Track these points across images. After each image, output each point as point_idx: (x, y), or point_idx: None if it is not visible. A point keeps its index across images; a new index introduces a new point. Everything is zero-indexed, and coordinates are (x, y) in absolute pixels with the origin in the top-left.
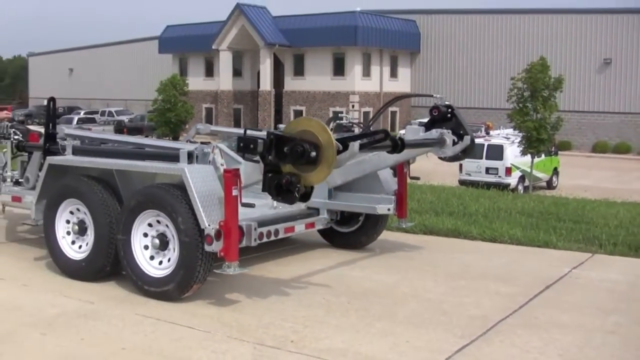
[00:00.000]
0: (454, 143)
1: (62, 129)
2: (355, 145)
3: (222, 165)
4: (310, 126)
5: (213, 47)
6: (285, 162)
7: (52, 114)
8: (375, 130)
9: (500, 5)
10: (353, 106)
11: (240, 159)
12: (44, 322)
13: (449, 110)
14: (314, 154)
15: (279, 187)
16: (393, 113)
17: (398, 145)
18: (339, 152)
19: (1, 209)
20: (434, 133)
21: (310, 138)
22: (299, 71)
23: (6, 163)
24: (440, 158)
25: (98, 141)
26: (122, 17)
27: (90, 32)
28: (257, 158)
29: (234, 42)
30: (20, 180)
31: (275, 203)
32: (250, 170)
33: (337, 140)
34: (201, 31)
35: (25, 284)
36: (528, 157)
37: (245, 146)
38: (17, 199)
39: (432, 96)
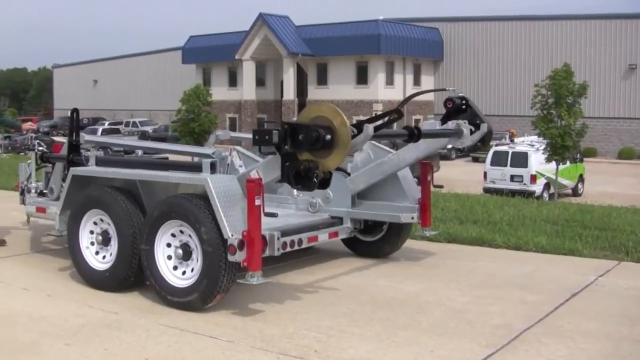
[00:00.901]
0: (471, 133)
1: (83, 136)
2: (369, 127)
3: (240, 166)
4: (322, 111)
5: (236, 57)
6: (302, 150)
7: (75, 125)
8: (387, 111)
9: (523, 12)
10: (376, 115)
11: (258, 158)
12: (68, 332)
13: (463, 101)
14: (328, 137)
15: (298, 175)
16: (417, 121)
17: (415, 134)
18: (353, 135)
19: (26, 219)
20: (451, 125)
21: (323, 122)
22: (322, 80)
23: (31, 174)
24: (459, 150)
25: (111, 145)
26: (146, 28)
27: (114, 44)
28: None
29: (257, 52)
30: (44, 191)
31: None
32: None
33: (352, 125)
34: (224, 41)
35: (49, 294)
36: (553, 165)
37: (260, 138)
38: (41, 210)
39: (445, 89)
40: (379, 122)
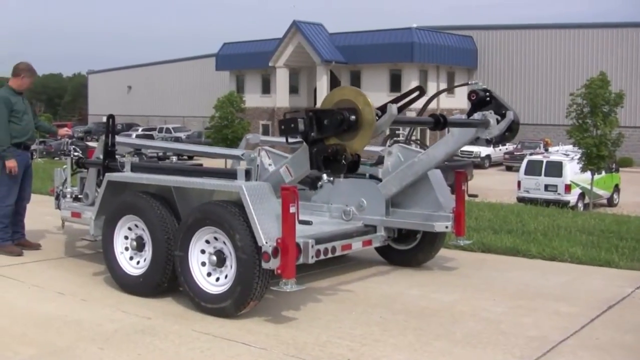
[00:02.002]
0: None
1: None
2: (392, 107)
3: (270, 165)
4: (344, 94)
5: (270, 64)
6: (328, 135)
7: (111, 130)
8: (408, 90)
9: (558, 20)
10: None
11: (287, 156)
12: (101, 337)
13: (487, 93)
14: (353, 117)
15: (326, 159)
16: None
17: (440, 122)
18: (378, 117)
19: (60, 224)
20: (477, 116)
21: (346, 105)
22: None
23: (66, 179)
24: (488, 142)
25: (143, 147)
26: (180, 35)
27: (148, 50)
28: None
29: (290, 59)
30: (79, 196)
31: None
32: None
33: (376, 108)
34: (258, 48)
35: (83, 299)
36: (588, 174)
37: (286, 128)
38: (76, 215)
39: (467, 84)
40: (402, 103)
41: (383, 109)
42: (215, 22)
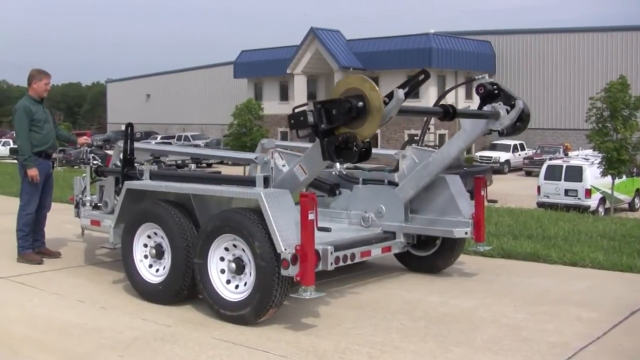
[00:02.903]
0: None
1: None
2: (399, 92)
3: (283, 166)
4: (350, 83)
5: (288, 71)
6: (338, 124)
7: (130, 139)
8: (413, 75)
9: (576, 24)
10: (429, 129)
11: (300, 155)
12: (121, 344)
13: (494, 86)
14: (360, 103)
15: (338, 148)
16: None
17: (450, 112)
18: (385, 104)
19: (80, 232)
20: (486, 108)
21: (353, 93)
22: None
23: (85, 187)
24: (500, 134)
25: (159, 152)
26: (198, 43)
27: (166, 59)
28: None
29: (308, 66)
30: (99, 204)
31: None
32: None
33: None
34: (276, 56)
35: (103, 307)
36: (608, 179)
37: (296, 122)
38: (95, 223)
39: (473, 79)
40: (407, 88)
41: (390, 96)
42: (233, 29)
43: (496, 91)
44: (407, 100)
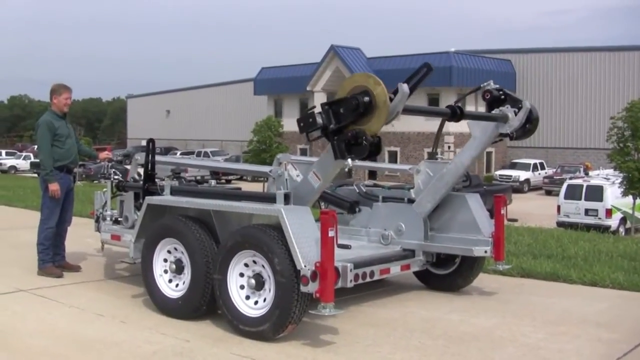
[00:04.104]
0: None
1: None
2: (404, 87)
3: (298, 176)
4: (355, 81)
5: (308, 88)
6: (347, 122)
7: (151, 154)
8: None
9: (597, 43)
10: (449, 147)
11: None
12: (140, 359)
13: (500, 91)
14: (367, 98)
15: (348, 144)
16: (489, 154)
17: (457, 113)
18: (390, 99)
19: (100, 246)
20: (494, 112)
21: (359, 90)
22: None
23: (106, 202)
24: (511, 138)
25: (175, 165)
26: (218, 59)
27: (187, 75)
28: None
29: (328, 84)
30: (119, 219)
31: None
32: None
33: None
34: (296, 73)
35: (123, 321)
36: (629, 199)
37: (305, 124)
38: (116, 238)
39: (479, 88)
40: (412, 83)
41: (396, 92)
42: (254, 46)
43: (502, 96)
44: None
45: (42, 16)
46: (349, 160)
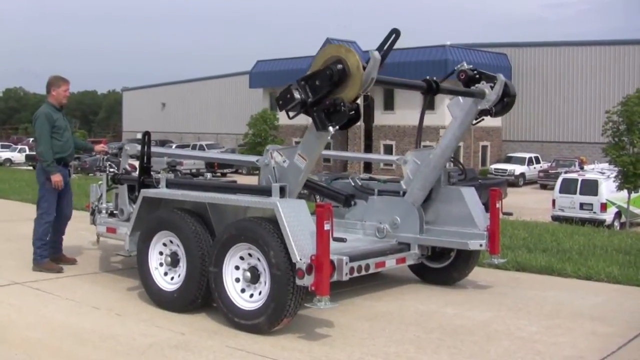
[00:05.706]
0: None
1: (135, 147)
2: (375, 53)
3: (284, 162)
4: (326, 53)
5: None
6: (323, 93)
7: (147, 147)
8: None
9: (593, 37)
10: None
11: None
12: (136, 352)
13: (474, 71)
14: (340, 66)
15: (326, 112)
16: (484, 147)
17: (433, 88)
18: (364, 68)
19: (96, 239)
20: (471, 89)
21: (332, 60)
22: (388, 105)
23: (101, 195)
24: (491, 115)
25: (166, 156)
26: (213, 53)
27: (182, 68)
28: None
29: None
30: (114, 212)
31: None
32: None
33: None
34: (291, 66)
35: (118, 314)
36: (624, 193)
37: (284, 101)
38: (111, 230)
39: (453, 72)
40: (384, 50)
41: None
42: (250, 39)
43: (477, 75)
44: (425, 112)
45: (37, 8)
46: (330, 128)
